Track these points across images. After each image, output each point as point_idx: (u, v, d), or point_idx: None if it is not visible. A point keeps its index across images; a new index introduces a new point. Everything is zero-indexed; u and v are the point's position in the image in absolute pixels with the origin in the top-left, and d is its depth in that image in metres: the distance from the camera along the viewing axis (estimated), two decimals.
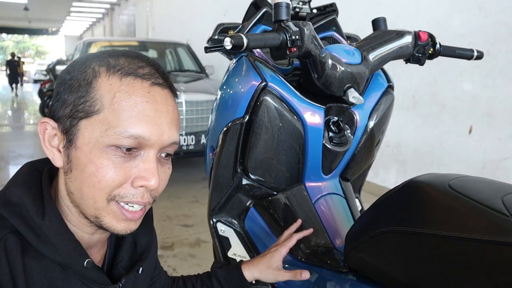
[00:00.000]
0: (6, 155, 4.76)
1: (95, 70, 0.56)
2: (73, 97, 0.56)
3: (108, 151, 0.55)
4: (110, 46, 5.25)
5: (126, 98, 0.55)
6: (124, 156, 0.56)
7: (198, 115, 3.68)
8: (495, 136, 2.57)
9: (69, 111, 0.56)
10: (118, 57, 0.58)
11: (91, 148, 0.55)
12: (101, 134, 0.55)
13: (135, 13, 12.22)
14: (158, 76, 0.59)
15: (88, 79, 0.56)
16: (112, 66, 0.56)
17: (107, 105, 0.55)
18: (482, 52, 1.13)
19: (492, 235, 0.56)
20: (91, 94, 0.55)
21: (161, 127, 0.57)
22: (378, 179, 3.46)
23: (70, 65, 0.59)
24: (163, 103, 0.58)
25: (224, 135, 1.01)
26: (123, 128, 0.54)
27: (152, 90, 0.57)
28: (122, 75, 0.56)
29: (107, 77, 0.56)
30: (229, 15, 5.92)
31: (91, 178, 0.56)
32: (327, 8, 1.13)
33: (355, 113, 1.00)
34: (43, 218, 0.56)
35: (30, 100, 12.67)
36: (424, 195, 0.68)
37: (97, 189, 0.56)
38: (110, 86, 0.55)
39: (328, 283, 0.93)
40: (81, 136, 0.56)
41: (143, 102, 0.56)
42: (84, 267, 0.58)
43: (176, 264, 2.18)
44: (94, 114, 0.55)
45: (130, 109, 0.55)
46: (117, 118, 0.55)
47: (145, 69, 0.58)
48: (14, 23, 23.25)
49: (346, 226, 1.03)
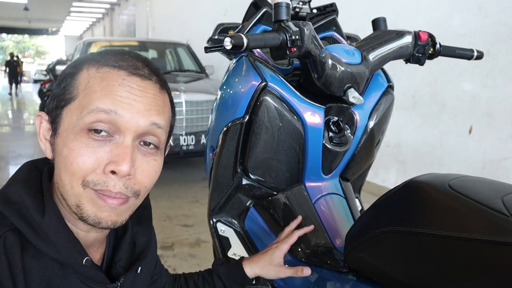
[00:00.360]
0: (6, 155, 4.76)
1: (81, 65, 0.60)
2: (58, 90, 0.60)
3: (82, 134, 0.56)
4: (110, 46, 5.24)
5: (99, 82, 0.57)
6: (97, 140, 0.56)
7: (198, 115, 3.68)
8: (495, 136, 2.57)
9: (56, 102, 0.59)
10: (107, 54, 0.61)
11: (68, 133, 0.57)
12: (76, 118, 0.56)
13: (135, 13, 12.22)
14: (142, 69, 0.60)
15: (72, 72, 0.60)
16: (96, 60, 0.59)
17: (81, 91, 0.58)
18: (482, 52, 1.13)
19: (492, 235, 0.56)
20: (71, 84, 0.59)
21: (136, 107, 0.57)
22: (378, 179, 3.46)
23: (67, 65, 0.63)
24: (139, 90, 0.58)
25: (224, 135, 1.01)
26: (94, 106, 0.56)
27: (128, 78, 0.58)
28: (100, 66, 0.59)
29: (87, 69, 0.59)
30: (229, 15, 5.92)
31: (65, 162, 0.56)
32: (327, 8, 1.13)
33: (355, 113, 1.00)
34: (42, 215, 0.56)
35: (30, 100, 12.66)
36: (424, 195, 0.68)
37: (70, 173, 0.56)
38: (87, 75, 0.58)
39: (328, 283, 0.93)
40: (62, 123, 0.58)
41: (115, 85, 0.57)
42: (83, 265, 0.59)
43: (176, 264, 2.18)
44: (71, 100, 0.58)
45: (101, 90, 0.56)
46: (89, 99, 0.56)
47: (129, 62, 0.60)
48: (14, 23, 23.26)
49: (346, 226, 1.03)
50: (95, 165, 0.56)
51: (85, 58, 0.61)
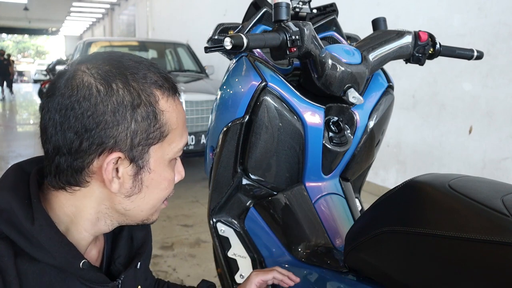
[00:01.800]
0: (6, 155, 4.76)
1: (153, 94, 0.57)
2: (142, 126, 0.56)
3: (171, 164, 0.62)
4: (110, 46, 5.24)
5: (180, 115, 0.61)
6: (175, 163, 0.64)
7: (198, 115, 3.68)
8: (495, 136, 2.57)
9: (139, 140, 0.56)
10: (148, 69, 0.58)
11: (162, 167, 0.61)
12: (167, 152, 0.60)
13: (135, 13, 12.22)
14: (173, 81, 0.63)
15: (152, 105, 0.57)
16: (159, 85, 0.58)
17: (173, 127, 0.59)
18: (482, 52, 1.13)
19: (492, 235, 0.56)
20: (160, 120, 0.58)
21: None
22: (378, 179, 3.46)
23: (102, 92, 0.54)
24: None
25: (224, 135, 1.01)
26: (181, 141, 0.62)
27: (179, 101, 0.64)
28: (170, 94, 0.60)
29: (164, 100, 0.58)
30: (229, 15, 5.92)
31: (164, 192, 0.63)
32: (327, 8, 1.13)
33: (355, 113, 1.00)
34: (32, 223, 0.54)
35: (30, 100, 12.65)
36: (424, 195, 0.68)
37: (162, 199, 0.64)
38: (170, 108, 0.59)
39: (328, 283, 0.93)
40: (152, 160, 0.59)
41: (184, 114, 0.63)
42: (80, 269, 0.58)
43: (176, 264, 2.18)
44: (164, 137, 0.59)
45: (182, 123, 0.62)
46: (178, 134, 0.61)
47: (170, 80, 0.61)
48: (14, 23, 23.27)
49: (346, 226, 1.03)
50: (173, 184, 0.65)
51: (133, 79, 0.56)
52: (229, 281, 1.11)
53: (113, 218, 0.62)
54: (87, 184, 0.58)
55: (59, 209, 0.59)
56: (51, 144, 0.56)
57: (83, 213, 0.60)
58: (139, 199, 0.60)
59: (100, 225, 0.62)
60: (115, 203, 0.60)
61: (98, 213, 0.60)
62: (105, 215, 0.61)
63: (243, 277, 1.10)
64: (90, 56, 0.59)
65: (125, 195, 0.59)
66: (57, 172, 0.57)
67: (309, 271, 0.99)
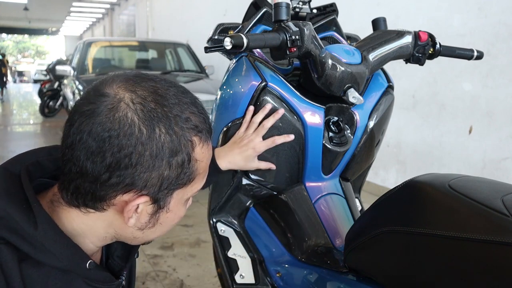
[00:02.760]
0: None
1: (191, 141, 0.56)
2: (174, 173, 0.55)
3: (186, 201, 0.63)
4: (110, 46, 5.25)
5: (209, 159, 0.62)
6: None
7: None
8: (495, 136, 2.57)
9: (168, 185, 0.56)
10: (191, 110, 0.57)
11: (179, 206, 0.61)
12: (187, 193, 0.60)
13: (135, 13, 12.22)
14: (208, 120, 0.62)
15: (188, 153, 0.56)
16: (199, 131, 0.57)
17: (200, 171, 0.60)
18: (482, 52, 1.13)
19: (492, 235, 0.56)
20: (192, 167, 0.57)
21: None
22: (378, 179, 3.46)
23: (143, 134, 0.52)
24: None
25: (224, 135, 1.01)
26: (202, 182, 0.62)
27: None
28: (206, 140, 0.59)
29: (200, 146, 0.58)
30: (229, 15, 5.92)
31: (172, 226, 0.64)
32: (327, 8, 1.13)
33: (355, 113, 1.00)
34: (35, 228, 0.53)
35: (30, 100, 12.61)
36: (424, 195, 0.68)
37: (169, 230, 0.65)
38: (203, 155, 0.59)
39: (328, 283, 0.93)
40: (173, 201, 0.59)
41: (211, 154, 0.63)
42: (87, 269, 0.57)
43: (176, 264, 2.18)
44: (190, 182, 0.59)
45: (208, 166, 0.62)
46: (202, 177, 0.61)
47: (207, 121, 0.60)
48: (14, 23, 23.24)
49: (346, 226, 1.03)
50: None
51: (174, 121, 0.54)
52: (229, 281, 1.11)
53: (120, 238, 0.64)
54: (104, 210, 0.57)
55: (68, 224, 0.58)
56: (77, 167, 0.53)
57: (92, 231, 0.60)
58: (149, 232, 0.62)
59: (106, 241, 0.63)
60: (127, 232, 0.61)
61: (107, 234, 0.61)
62: (112, 237, 0.62)
63: (243, 277, 1.10)
64: (133, 79, 0.56)
65: (139, 228, 0.60)
66: (74, 192, 0.56)
67: (309, 271, 0.99)
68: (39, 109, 7.94)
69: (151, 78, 0.57)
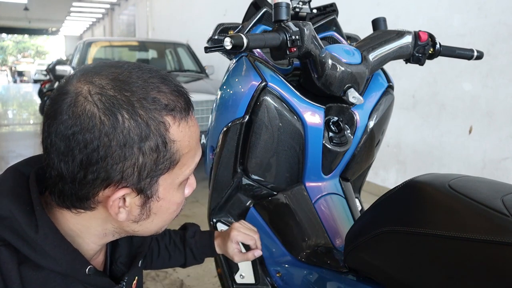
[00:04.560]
0: (6, 155, 4.76)
1: (163, 122, 0.52)
2: (150, 159, 0.52)
3: (181, 186, 0.60)
4: (110, 46, 5.25)
5: (193, 136, 0.58)
6: (186, 181, 0.61)
7: (198, 115, 3.67)
8: (495, 136, 2.57)
9: (147, 172, 0.53)
10: (158, 89, 0.53)
11: (172, 193, 0.58)
12: (177, 177, 0.57)
13: (135, 13, 12.22)
14: (186, 94, 0.59)
15: (162, 135, 0.52)
16: (171, 109, 0.53)
17: (184, 151, 0.56)
18: (482, 52, 1.13)
19: (492, 235, 0.56)
20: (170, 150, 0.54)
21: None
22: (378, 179, 3.46)
23: (105, 123, 0.50)
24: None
25: (224, 135, 1.00)
26: (194, 162, 0.59)
27: (194, 121, 0.59)
28: (183, 117, 0.55)
29: (176, 125, 0.54)
30: (229, 15, 5.92)
31: (173, 214, 0.62)
32: (327, 8, 1.13)
33: (355, 113, 1.00)
34: (36, 231, 0.53)
35: (30, 100, 12.61)
36: (424, 195, 0.68)
37: (172, 218, 0.63)
38: (182, 133, 0.55)
39: (328, 283, 0.93)
40: (161, 188, 0.56)
41: (198, 131, 0.59)
42: (86, 275, 0.57)
43: None
44: (174, 165, 0.55)
45: (195, 143, 0.59)
46: (190, 157, 0.58)
47: (184, 95, 0.57)
48: (14, 23, 23.23)
49: (346, 226, 1.03)
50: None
51: (139, 105, 0.51)
52: (229, 281, 1.11)
53: (121, 234, 0.62)
54: (93, 209, 0.56)
55: (64, 224, 0.58)
56: (55, 170, 0.53)
57: (90, 230, 0.59)
58: (147, 223, 0.59)
59: (108, 238, 0.62)
60: (123, 226, 0.59)
61: (105, 230, 0.60)
62: (113, 232, 0.61)
63: (243, 277, 1.10)
64: (93, 70, 0.53)
65: (133, 220, 0.58)
66: (60, 195, 0.55)
67: (309, 271, 0.99)
68: (39, 109, 7.93)
69: (112, 65, 0.55)
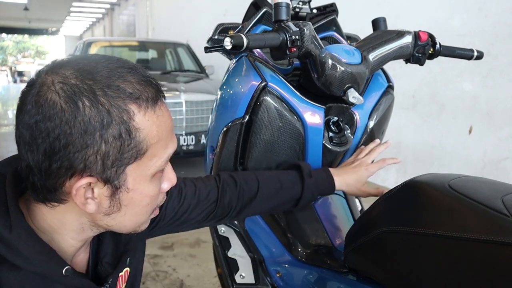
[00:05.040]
0: (6, 155, 4.75)
1: (126, 110, 0.52)
2: (113, 147, 0.52)
3: (155, 179, 0.58)
4: (110, 46, 5.25)
5: (163, 126, 0.56)
6: (162, 174, 0.60)
7: (198, 115, 3.68)
8: (495, 136, 2.57)
9: (112, 161, 0.52)
10: (124, 78, 0.53)
11: (143, 184, 0.57)
12: (148, 168, 0.56)
13: (135, 13, 12.22)
14: (156, 84, 0.58)
15: (125, 122, 0.52)
16: (135, 98, 0.52)
17: (152, 141, 0.55)
18: (482, 52, 1.13)
19: (492, 235, 0.56)
20: (135, 138, 0.53)
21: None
22: (378, 179, 3.46)
23: (67, 112, 0.50)
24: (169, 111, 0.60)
25: (224, 135, 1.00)
26: (165, 153, 0.57)
27: (164, 107, 0.58)
28: (149, 106, 0.54)
29: (141, 114, 0.53)
30: (229, 15, 5.92)
31: (146, 208, 0.60)
32: (327, 8, 1.13)
33: (355, 113, 1.00)
34: (10, 231, 0.53)
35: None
36: (424, 195, 0.68)
37: (148, 212, 0.61)
38: (149, 122, 0.54)
39: (328, 283, 0.93)
40: (130, 179, 0.55)
41: (169, 122, 0.58)
42: (63, 276, 0.56)
43: (176, 264, 2.18)
44: (142, 155, 0.54)
45: (166, 134, 0.57)
46: (161, 147, 0.56)
47: (152, 84, 0.56)
48: (14, 23, 23.24)
49: (346, 226, 1.03)
50: (162, 193, 0.62)
51: (102, 94, 0.51)
52: (229, 281, 1.11)
53: (99, 228, 0.61)
54: (65, 201, 0.55)
55: (42, 220, 0.57)
56: (24, 162, 0.53)
57: (66, 225, 0.58)
58: (119, 216, 0.58)
59: (86, 233, 0.61)
60: (97, 220, 0.58)
61: (82, 224, 0.59)
62: (89, 226, 0.59)
63: (243, 277, 1.10)
64: (60, 63, 0.54)
65: (104, 213, 0.57)
66: (33, 189, 0.55)
67: (309, 271, 0.99)
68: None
69: (81, 57, 0.55)
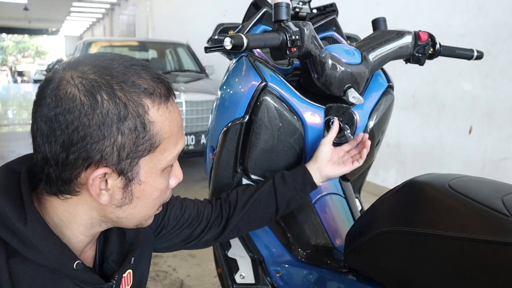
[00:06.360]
0: (6, 155, 4.76)
1: (141, 104, 0.54)
2: (129, 139, 0.54)
3: (165, 173, 0.61)
4: (110, 46, 5.25)
5: (174, 122, 0.59)
6: (171, 169, 0.63)
7: (198, 115, 3.68)
8: (495, 136, 2.57)
9: (127, 153, 0.55)
10: (139, 75, 0.56)
11: (154, 178, 0.59)
12: (159, 162, 0.59)
13: (135, 13, 12.22)
14: (167, 82, 0.60)
15: (140, 116, 0.54)
16: (150, 93, 0.55)
17: (165, 136, 0.57)
18: (482, 52, 1.13)
19: (492, 235, 0.56)
20: (150, 131, 0.55)
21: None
22: (378, 179, 3.46)
23: (86, 104, 0.52)
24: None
25: (224, 135, 1.00)
26: (176, 149, 0.60)
27: (175, 106, 0.61)
28: (162, 101, 0.57)
29: (155, 109, 0.56)
30: (229, 15, 5.92)
31: (156, 201, 0.62)
32: (327, 8, 1.13)
33: (355, 113, 1.00)
34: (25, 224, 0.54)
35: (30, 100, 12.62)
36: (424, 195, 0.68)
37: (156, 206, 0.63)
38: (162, 117, 0.57)
39: (328, 283, 0.93)
40: (142, 172, 0.58)
41: (179, 119, 0.61)
42: (74, 270, 0.57)
43: (176, 264, 2.18)
44: (155, 148, 0.57)
45: (177, 130, 0.60)
46: (172, 142, 0.59)
47: (164, 82, 0.59)
48: (14, 23, 23.24)
49: (346, 226, 1.03)
50: (169, 189, 0.65)
51: (120, 89, 0.53)
52: (229, 281, 1.11)
53: (107, 223, 0.63)
54: (78, 193, 0.57)
55: (53, 213, 0.59)
56: (40, 154, 0.55)
57: (76, 219, 0.60)
58: (130, 209, 0.60)
59: (95, 228, 0.62)
60: (107, 212, 0.60)
61: (91, 219, 0.60)
62: (99, 221, 0.61)
63: (243, 277, 1.10)
64: (77, 60, 0.56)
65: (116, 205, 0.59)
66: (47, 181, 0.57)
67: (309, 271, 0.99)
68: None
69: (96, 55, 0.57)
